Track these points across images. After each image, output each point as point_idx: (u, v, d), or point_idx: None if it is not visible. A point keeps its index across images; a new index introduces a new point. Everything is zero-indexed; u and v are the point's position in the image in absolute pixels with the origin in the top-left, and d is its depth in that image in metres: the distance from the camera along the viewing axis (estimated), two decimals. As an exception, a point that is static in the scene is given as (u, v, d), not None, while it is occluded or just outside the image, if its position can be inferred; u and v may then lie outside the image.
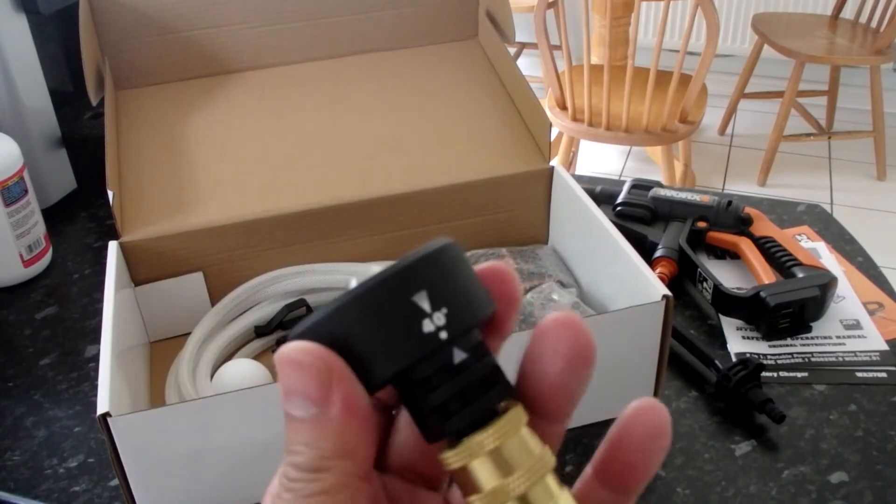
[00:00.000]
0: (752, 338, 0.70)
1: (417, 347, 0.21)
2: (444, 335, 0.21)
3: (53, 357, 0.73)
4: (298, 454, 0.21)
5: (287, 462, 0.21)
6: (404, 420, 0.24)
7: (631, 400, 0.23)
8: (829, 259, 0.80)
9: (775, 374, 0.67)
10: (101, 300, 0.79)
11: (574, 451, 0.60)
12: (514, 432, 0.22)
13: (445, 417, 0.21)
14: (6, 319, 0.78)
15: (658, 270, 0.75)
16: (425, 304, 0.21)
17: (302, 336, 0.21)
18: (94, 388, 0.68)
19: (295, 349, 0.21)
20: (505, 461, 0.21)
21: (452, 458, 0.22)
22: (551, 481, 0.22)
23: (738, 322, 0.72)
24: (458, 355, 0.21)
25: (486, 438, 0.21)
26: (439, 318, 0.21)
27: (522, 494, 0.21)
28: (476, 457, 0.21)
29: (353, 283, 0.21)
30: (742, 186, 2.70)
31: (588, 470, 0.23)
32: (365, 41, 0.85)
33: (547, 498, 0.21)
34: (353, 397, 0.21)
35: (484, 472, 0.21)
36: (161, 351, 0.69)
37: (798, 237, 0.84)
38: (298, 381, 0.20)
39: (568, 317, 0.22)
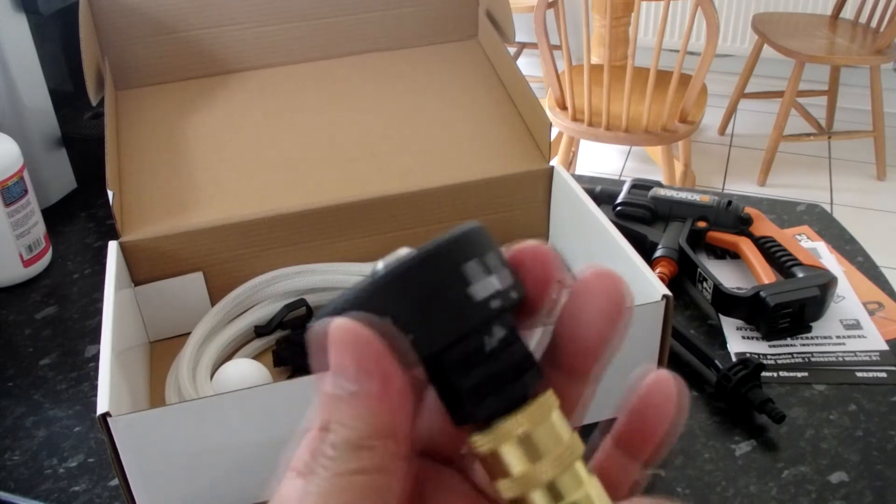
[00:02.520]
0: (752, 338, 0.70)
1: (469, 317, 0.20)
2: (495, 304, 0.21)
3: (53, 357, 0.73)
4: (336, 432, 0.20)
5: (323, 439, 0.20)
6: (430, 399, 0.24)
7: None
8: (829, 259, 0.80)
9: (775, 374, 0.67)
10: (101, 300, 0.79)
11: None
12: (544, 418, 0.21)
13: (477, 401, 0.21)
14: (6, 319, 0.78)
15: (658, 270, 0.75)
16: (478, 272, 0.21)
17: (340, 311, 0.21)
18: (94, 388, 0.68)
19: (338, 325, 0.20)
20: (534, 447, 0.21)
21: (481, 443, 0.22)
22: (580, 468, 0.22)
23: (738, 322, 0.72)
24: (498, 332, 0.21)
25: (516, 424, 0.21)
26: (491, 284, 0.21)
27: (551, 481, 0.21)
28: (505, 442, 0.21)
29: (381, 265, 0.21)
30: (742, 186, 2.70)
31: (608, 441, 0.24)
32: (365, 41, 0.85)
33: (575, 485, 0.21)
34: (394, 376, 0.20)
35: (513, 458, 0.21)
36: (161, 351, 0.69)
37: (798, 237, 0.84)
38: (339, 357, 0.20)
39: (605, 270, 0.23)
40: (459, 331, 0.20)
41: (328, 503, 0.19)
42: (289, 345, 0.67)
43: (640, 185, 0.84)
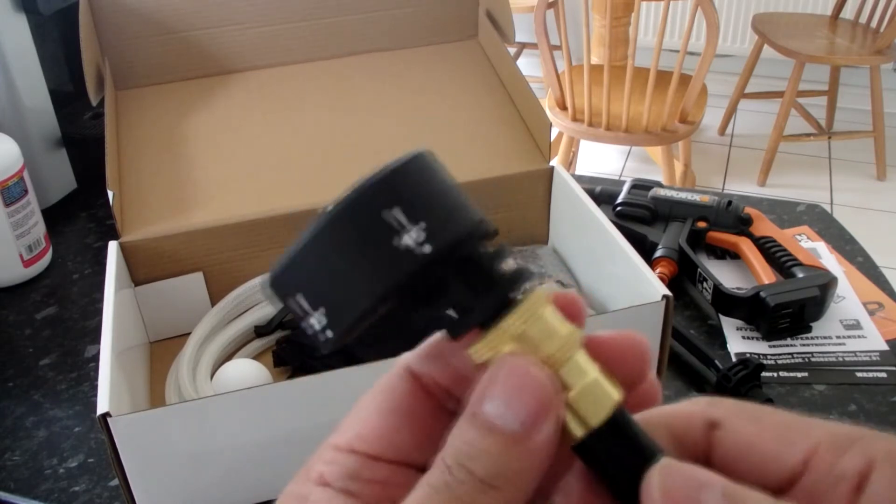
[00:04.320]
0: (752, 338, 0.70)
1: (399, 265, 0.20)
2: (427, 248, 0.20)
3: (53, 357, 0.73)
4: (477, 460, 0.20)
5: (459, 462, 0.20)
6: None
7: (631, 400, 0.23)
8: (829, 259, 0.80)
9: (775, 374, 0.67)
10: (101, 300, 0.79)
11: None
12: (537, 315, 0.22)
13: (464, 312, 0.22)
14: (6, 319, 0.78)
15: (658, 270, 0.75)
16: (402, 220, 0.21)
17: (284, 273, 0.21)
18: (94, 388, 0.68)
19: (529, 361, 0.20)
20: (533, 344, 0.21)
21: (480, 349, 0.22)
22: (582, 358, 0.22)
23: (738, 322, 0.72)
24: (479, 246, 0.22)
25: (510, 324, 0.21)
26: (418, 233, 0.21)
27: (555, 374, 0.21)
28: (503, 344, 0.21)
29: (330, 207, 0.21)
30: (742, 186, 2.70)
31: None
32: (365, 41, 0.85)
33: (579, 374, 0.21)
34: (555, 437, 0.20)
35: None
36: (161, 351, 0.69)
37: (798, 237, 0.84)
38: (520, 394, 0.20)
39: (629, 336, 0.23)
40: (395, 276, 0.20)
41: None
42: (289, 345, 0.67)
43: (640, 185, 0.84)
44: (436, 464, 0.20)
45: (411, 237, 0.20)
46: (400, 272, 0.20)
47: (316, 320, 0.21)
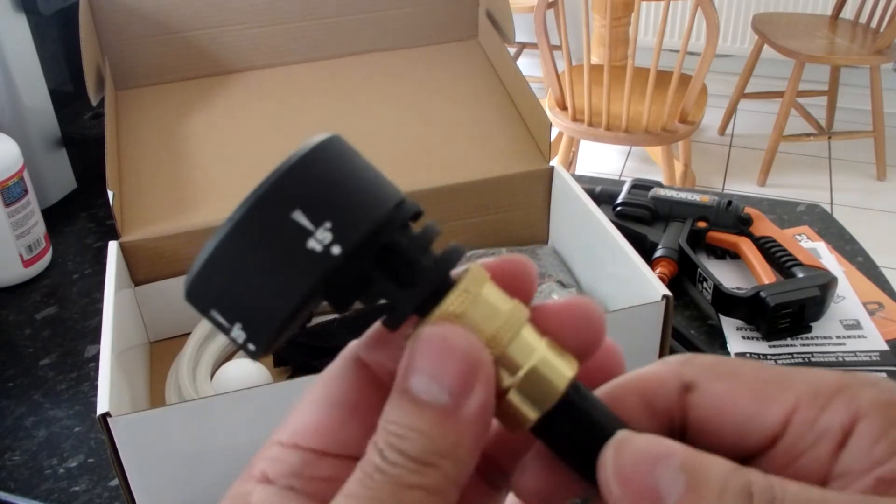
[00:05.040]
0: (752, 338, 0.70)
1: (310, 271, 0.19)
2: (336, 250, 0.19)
3: (53, 357, 0.73)
4: (408, 440, 0.19)
5: (389, 443, 0.19)
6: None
7: (591, 367, 0.23)
8: (829, 259, 0.80)
9: (775, 374, 0.66)
10: (101, 300, 0.79)
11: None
12: (475, 294, 0.20)
13: (395, 303, 0.20)
14: (6, 319, 0.78)
15: (658, 270, 0.75)
16: (304, 222, 0.19)
17: (196, 287, 0.19)
18: (94, 388, 0.68)
19: (449, 329, 0.19)
20: (476, 324, 0.20)
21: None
22: (528, 334, 0.21)
23: (738, 322, 0.72)
24: (399, 231, 0.21)
25: (447, 307, 0.20)
26: (323, 234, 0.19)
27: (500, 355, 0.20)
28: None
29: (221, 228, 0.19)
30: (742, 186, 2.70)
31: None
32: (365, 41, 0.84)
33: (527, 352, 0.20)
34: (489, 403, 0.19)
35: None
36: (161, 351, 0.69)
37: (798, 237, 0.84)
38: (442, 363, 0.19)
39: (578, 300, 0.22)
40: (309, 281, 0.19)
41: None
42: (289, 345, 0.67)
43: (640, 186, 0.84)
44: (368, 449, 0.19)
45: (317, 240, 0.19)
46: (311, 278, 0.19)
47: (236, 334, 0.20)
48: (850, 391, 0.19)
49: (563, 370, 0.21)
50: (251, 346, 0.20)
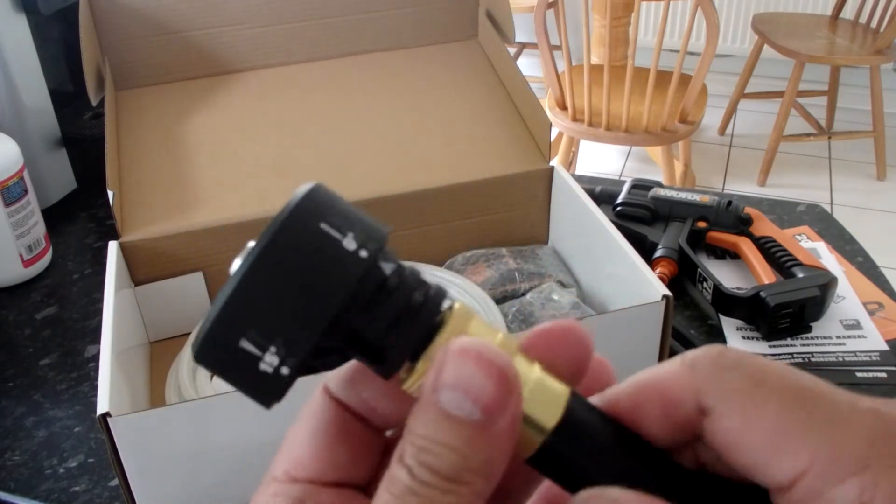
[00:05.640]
0: (752, 338, 0.70)
1: (350, 271, 0.20)
2: (364, 253, 0.20)
3: (53, 357, 0.73)
4: (440, 456, 0.18)
5: (419, 460, 0.18)
6: None
7: (586, 383, 0.23)
8: (829, 259, 0.80)
9: (775, 374, 0.66)
10: (101, 300, 0.79)
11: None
12: (462, 332, 0.21)
13: (393, 346, 0.21)
14: (6, 319, 0.78)
15: (658, 270, 0.75)
16: (334, 232, 0.20)
17: (226, 312, 0.20)
18: (94, 388, 0.68)
19: (482, 344, 0.19)
20: None
21: (414, 382, 0.21)
22: (520, 362, 0.21)
23: (738, 322, 0.72)
24: (387, 267, 0.21)
25: (436, 349, 0.20)
26: (350, 241, 0.20)
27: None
28: None
29: (235, 266, 0.20)
30: (742, 186, 2.70)
31: None
32: (365, 41, 0.85)
33: (523, 377, 0.20)
34: (519, 417, 0.19)
35: None
36: (161, 351, 0.69)
37: (798, 237, 0.84)
38: (477, 378, 0.18)
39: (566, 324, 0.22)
40: (351, 280, 0.20)
41: None
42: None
43: (640, 185, 0.84)
44: (393, 466, 0.19)
45: (348, 243, 0.20)
46: (350, 276, 0.20)
47: (269, 359, 0.20)
48: (870, 474, 0.18)
49: (559, 389, 0.21)
50: (284, 370, 0.20)
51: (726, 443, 0.20)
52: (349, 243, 0.20)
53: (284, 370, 0.20)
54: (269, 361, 0.20)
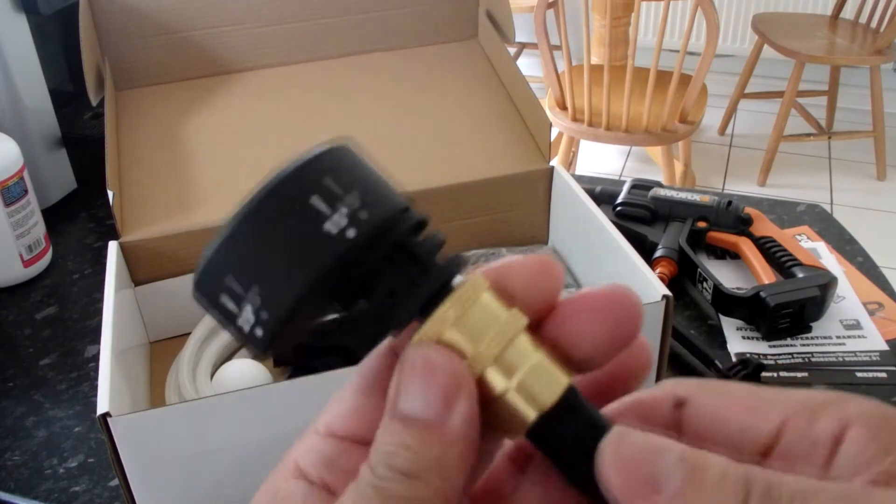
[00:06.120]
0: (752, 338, 0.70)
1: (326, 251, 0.20)
2: (351, 233, 0.20)
3: (53, 357, 0.73)
4: (397, 455, 0.20)
5: (380, 461, 0.20)
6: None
7: (621, 363, 0.23)
8: (829, 259, 0.80)
9: (775, 374, 0.67)
10: (101, 300, 0.79)
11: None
12: (474, 300, 0.21)
13: (401, 303, 0.21)
14: (6, 319, 0.78)
15: (658, 270, 0.75)
16: (323, 207, 0.20)
17: (214, 261, 0.21)
18: (94, 388, 0.68)
19: (430, 349, 0.21)
20: (472, 329, 0.21)
21: (421, 340, 0.21)
22: (524, 342, 0.21)
23: (738, 322, 0.72)
24: (406, 227, 0.22)
25: (446, 311, 0.21)
26: (340, 217, 0.21)
27: (496, 356, 0.21)
28: (443, 331, 0.21)
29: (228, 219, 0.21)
30: (742, 186, 2.70)
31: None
32: (365, 41, 0.84)
33: (524, 356, 0.21)
34: (472, 418, 0.20)
35: (454, 344, 0.21)
36: (161, 351, 0.69)
37: (798, 237, 0.84)
38: (426, 381, 0.20)
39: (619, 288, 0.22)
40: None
41: None
42: (289, 345, 0.67)
43: (640, 186, 0.84)
44: (361, 470, 0.20)
45: (334, 223, 0.20)
46: (326, 257, 0.20)
47: (245, 318, 0.21)
48: (838, 404, 0.20)
49: (559, 376, 0.21)
50: (258, 332, 0.21)
51: (707, 420, 0.21)
52: (339, 219, 0.20)
53: (259, 331, 0.21)
54: (246, 318, 0.21)
